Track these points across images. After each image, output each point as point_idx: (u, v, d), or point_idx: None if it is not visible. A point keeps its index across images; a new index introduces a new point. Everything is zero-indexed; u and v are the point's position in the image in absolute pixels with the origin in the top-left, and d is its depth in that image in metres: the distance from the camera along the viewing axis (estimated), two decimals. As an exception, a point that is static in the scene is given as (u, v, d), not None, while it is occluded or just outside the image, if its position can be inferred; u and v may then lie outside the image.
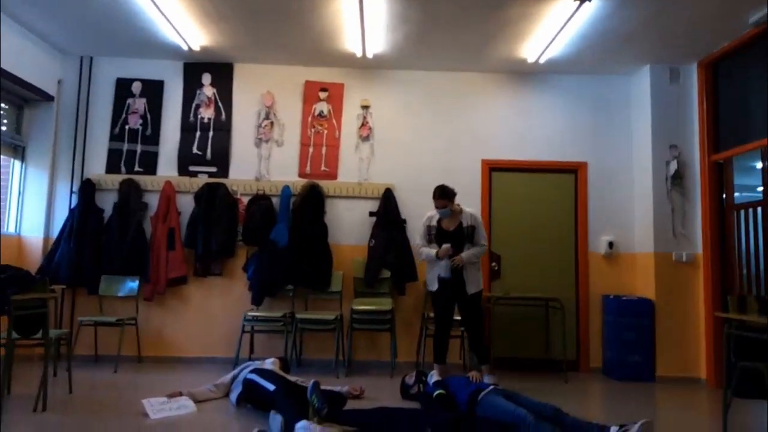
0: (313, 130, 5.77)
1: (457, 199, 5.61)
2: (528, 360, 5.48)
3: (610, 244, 5.60)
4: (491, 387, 3.62)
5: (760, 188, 5.38)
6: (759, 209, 5.17)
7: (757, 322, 3.21)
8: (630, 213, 5.68)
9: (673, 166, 5.37)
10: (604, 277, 5.60)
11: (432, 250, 4.53)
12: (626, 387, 4.88)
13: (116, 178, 5.58)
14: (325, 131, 5.77)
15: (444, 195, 4.56)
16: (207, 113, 5.77)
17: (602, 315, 5.52)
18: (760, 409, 4.00)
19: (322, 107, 5.79)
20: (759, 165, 5.52)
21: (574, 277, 5.65)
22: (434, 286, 4.57)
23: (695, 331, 5.19)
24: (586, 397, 4.57)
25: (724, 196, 5.25)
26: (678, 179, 5.38)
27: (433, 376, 3.99)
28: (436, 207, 4.59)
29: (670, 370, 5.16)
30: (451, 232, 4.55)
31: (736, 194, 5.42)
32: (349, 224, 5.60)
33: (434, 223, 4.65)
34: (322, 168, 5.71)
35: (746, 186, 7.87)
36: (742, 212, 5.29)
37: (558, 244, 5.69)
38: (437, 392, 3.73)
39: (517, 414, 3.19)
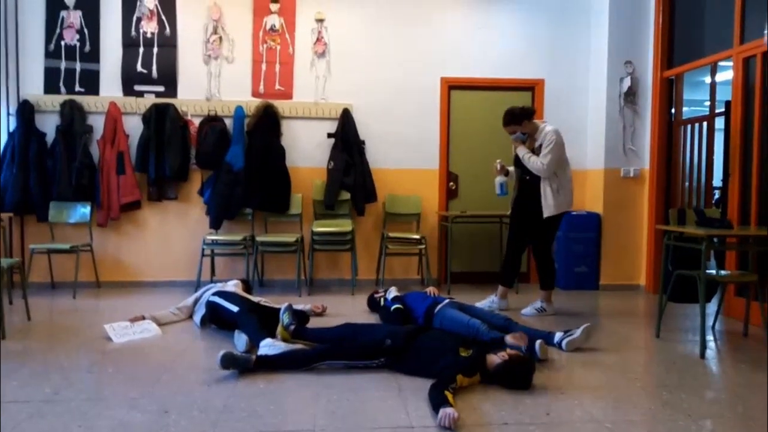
0: (265, 45, 5.50)
1: (415, 117, 5.62)
2: (483, 274, 5.72)
3: (564, 161, 5.73)
4: (447, 300, 3.80)
5: (708, 103, 5.55)
6: (704, 124, 5.37)
7: (695, 233, 3.42)
8: (583, 130, 5.78)
9: (627, 82, 5.43)
10: (556, 193, 5.77)
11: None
12: (572, 295, 5.21)
13: (56, 99, 5.26)
14: (278, 47, 5.52)
15: (510, 120, 4.21)
16: (150, 27, 5.40)
17: (553, 229, 5.76)
18: (692, 312, 4.36)
19: (274, 20, 5.50)
20: (708, 80, 5.66)
21: (528, 193, 5.81)
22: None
23: (638, 243, 5.50)
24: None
25: (673, 111, 5.39)
26: (631, 96, 5.46)
27: (392, 292, 4.14)
28: (510, 134, 4.29)
29: (613, 279, 5.50)
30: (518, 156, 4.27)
31: (685, 109, 5.58)
32: (307, 146, 5.52)
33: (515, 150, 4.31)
34: (277, 87, 5.52)
35: (694, 101, 8.09)
36: (689, 127, 5.48)
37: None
38: (395, 306, 3.89)
39: (471, 324, 3.38)
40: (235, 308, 3.55)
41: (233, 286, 4.05)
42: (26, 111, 5.17)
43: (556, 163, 4.17)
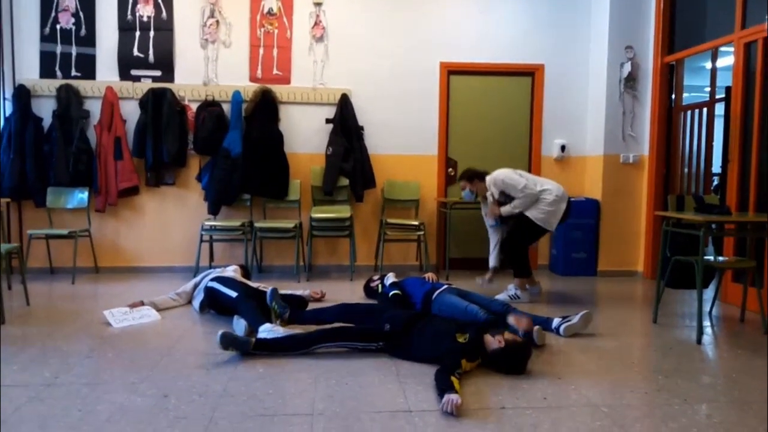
0: (262, 29, 5.45)
1: (414, 103, 5.58)
2: (481, 260, 5.70)
3: (563, 148, 5.73)
4: (445, 286, 3.81)
5: (708, 89, 5.53)
6: (704, 110, 5.35)
7: (693, 219, 3.42)
8: (583, 116, 5.76)
9: (627, 68, 5.40)
10: (555, 179, 5.66)
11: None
12: (570, 281, 5.23)
13: (52, 84, 5.22)
14: (276, 31, 5.46)
15: (464, 177, 4.42)
16: (146, 10, 5.33)
17: (552, 216, 5.76)
18: (689, 298, 4.38)
19: (272, 4, 5.44)
20: (708, 65, 5.63)
21: (527, 180, 5.80)
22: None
23: (636, 229, 5.51)
24: (534, 292, 4.88)
25: (673, 97, 5.36)
26: (631, 81, 5.43)
27: (390, 278, 4.15)
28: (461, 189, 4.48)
29: (611, 265, 5.52)
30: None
31: (685, 95, 5.55)
32: (305, 132, 5.49)
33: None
34: (274, 72, 5.47)
35: (695, 86, 8.05)
36: (689, 113, 5.46)
37: (513, 148, 5.78)
38: (393, 292, 3.90)
39: (470, 310, 3.39)
40: (233, 294, 3.56)
41: (232, 271, 4.05)
42: (22, 95, 5.13)
43: (529, 189, 4.16)
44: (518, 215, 4.26)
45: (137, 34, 5.33)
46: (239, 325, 3.32)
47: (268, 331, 3.09)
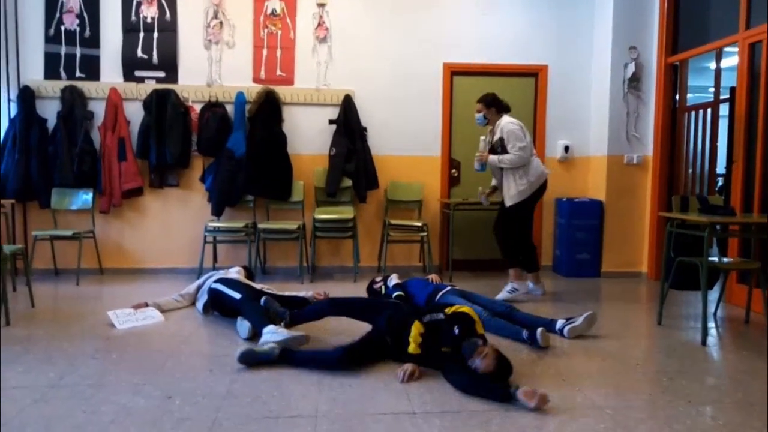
0: (266, 30, 5.46)
1: (417, 104, 5.58)
2: (484, 261, 5.72)
3: (566, 148, 5.72)
4: (448, 287, 3.80)
5: (712, 89, 5.51)
6: (709, 111, 5.33)
7: (697, 220, 3.41)
8: (586, 117, 5.74)
9: (631, 68, 5.39)
10: (558, 180, 5.74)
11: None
12: (574, 282, 5.22)
13: (57, 85, 5.23)
14: (279, 32, 5.47)
15: (484, 99, 4.39)
16: (150, 12, 5.35)
17: (554, 217, 5.76)
18: (693, 299, 4.36)
19: (275, 5, 5.45)
20: (713, 66, 5.61)
21: (531, 180, 5.79)
22: None
23: (640, 230, 5.49)
24: (538, 293, 4.87)
25: (677, 97, 5.35)
26: (635, 82, 5.42)
27: (393, 279, 4.14)
28: (476, 112, 4.45)
29: (615, 266, 5.50)
30: (491, 146, 4.42)
31: (689, 95, 5.53)
32: (309, 133, 5.49)
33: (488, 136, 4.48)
34: (278, 73, 5.48)
35: (699, 87, 8.02)
36: (693, 114, 5.44)
37: (516, 149, 5.76)
38: (396, 293, 3.90)
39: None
40: (237, 295, 3.55)
41: (235, 273, 4.05)
42: (27, 97, 5.15)
43: (525, 152, 4.24)
44: (500, 208, 4.43)
45: (141, 35, 5.34)
46: (243, 327, 3.32)
47: (272, 332, 3.08)
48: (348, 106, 5.41)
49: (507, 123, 4.32)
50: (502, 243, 4.50)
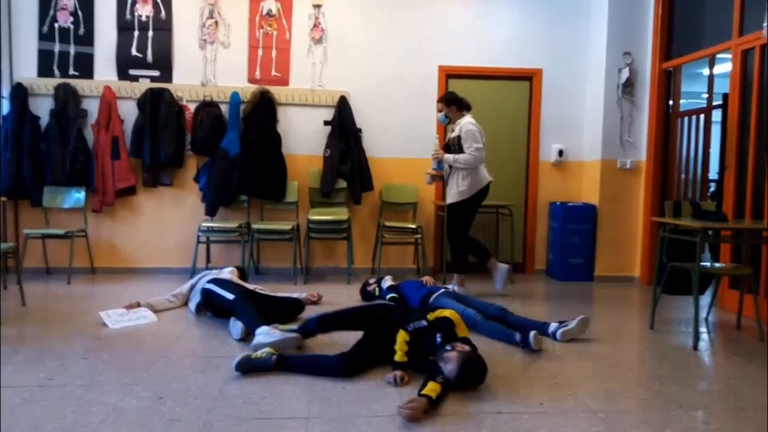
0: (261, 30, 5.45)
1: (412, 106, 5.59)
2: (478, 264, 5.72)
3: (560, 153, 5.74)
4: (442, 290, 3.81)
5: (705, 95, 5.55)
6: (702, 117, 5.37)
7: (689, 225, 3.43)
8: (581, 121, 5.77)
9: (625, 73, 5.42)
10: (552, 184, 5.79)
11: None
12: (567, 286, 5.23)
13: (50, 83, 5.20)
14: (275, 32, 5.46)
15: (444, 98, 4.57)
16: (145, 10, 5.32)
17: (548, 221, 5.77)
18: (685, 304, 4.38)
19: (270, 5, 5.44)
20: (706, 72, 5.65)
21: (525, 185, 5.82)
22: None
23: (633, 235, 5.52)
24: (530, 296, 4.88)
25: (671, 103, 5.38)
26: (629, 87, 5.44)
27: (387, 282, 4.14)
28: (438, 111, 4.66)
29: (608, 270, 5.52)
30: (446, 143, 4.59)
31: (682, 101, 5.57)
32: (303, 133, 5.48)
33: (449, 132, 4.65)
34: (273, 73, 5.47)
35: (692, 93, 8.08)
36: (686, 119, 5.48)
37: (511, 153, 5.78)
38: (390, 296, 3.90)
39: (466, 314, 3.39)
40: (230, 296, 3.54)
41: (228, 273, 4.03)
42: (20, 94, 5.11)
43: (480, 153, 4.39)
44: (447, 209, 4.57)
45: (136, 33, 5.32)
46: (235, 328, 3.31)
47: (264, 334, 3.07)
48: (343, 108, 5.41)
49: (467, 123, 4.44)
50: (450, 241, 4.67)
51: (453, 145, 4.47)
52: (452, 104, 4.53)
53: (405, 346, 2.70)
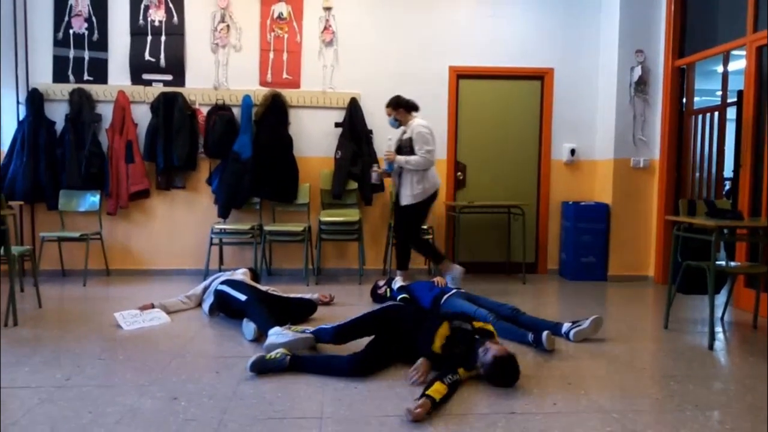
0: (272, 34, 5.48)
1: (423, 107, 5.55)
2: (490, 264, 5.72)
3: (572, 152, 5.70)
4: (454, 290, 3.80)
5: (719, 92, 5.48)
6: (716, 114, 5.30)
7: (704, 224, 3.39)
8: (593, 120, 5.73)
9: (638, 71, 5.37)
10: (564, 183, 5.75)
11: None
12: (580, 286, 5.20)
13: (65, 88, 5.28)
14: (286, 35, 5.49)
15: (391, 104, 4.60)
16: (157, 15, 5.39)
17: (561, 220, 5.74)
18: (700, 303, 4.34)
19: (281, 8, 5.47)
20: (720, 69, 5.58)
21: (536, 184, 5.79)
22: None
23: (647, 234, 5.47)
24: (543, 296, 4.86)
25: (684, 101, 5.33)
26: (641, 85, 5.40)
27: (398, 282, 4.15)
28: (387, 115, 4.68)
29: (621, 270, 5.47)
30: (398, 145, 4.63)
31: (696, 99, 5.51)
32: (315, 135, 5.51)
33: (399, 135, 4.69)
34: (284, 76, 5.50)
35: (706, 90, 7.98)
36: (700, 117, 5.41)
37: (522, 153, 5.76)
38: (401, 296, 3.90)
39: (478, 314, 3.38)
40: (243, 297, 3.56)
41: (241, 274, 4.07)
42: (36, 99, 5.19)
43: (431, 155, 4.46)
44: (396, 208, 4.64)
45: (149, 38, 5.38)
46: (248, 328, 3.33)
47: (277, 334, 3.08)
48: (354, 109, 5.42)
49: (418, 125, 4.52)
50: (398, 240, 4.72)
51: (405, 147, 4.52)
52: (399, 107, 4.57)
53: (443, 339, 2.73)
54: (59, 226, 5.24)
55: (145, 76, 5.40)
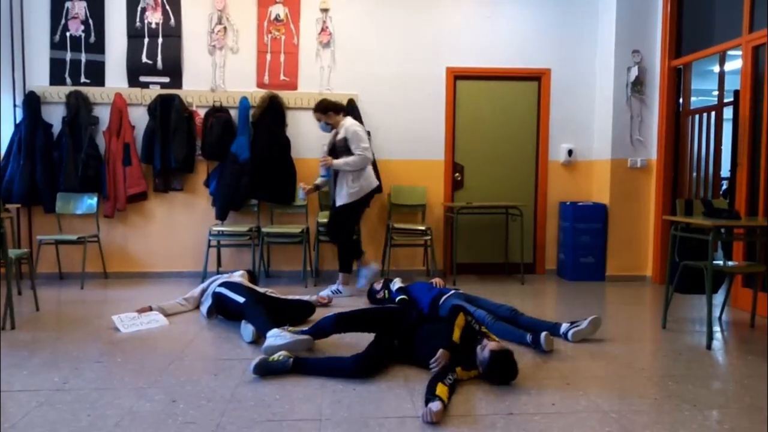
0: (269, 35, 5.48)
1: (421, 108, 5.60)
2: (488, 265, 5.72)
3: (569, 152, 5.71)
4: (452, 291, 3.80)
5: (716, 92, 5.50)
6: (713, 114, 5.32)
7: (702, 224, 3.40)
8: (590, 120, 5.74)
9: (634, 72, 5.39)
10: (562, 184, 5.76)
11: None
12: (578, 286, 5.20)
13: (62, 90, 5.27)
14: (283, 37, 5.49)
15: (318, 108, 4.54)
16: (154, 17, 5.38)
17: (558, 220, 5.75)
18: (698, 303, 4.35)
19: (279, 10, 5.48)
20: (716, 69, 5.60)
21: (534, 185, 5.80)
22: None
23: (644, 234, 5.48)
24: (541, 297, 4.87)
25: (681, 101, 5.34)
26: (638, 85, 5.41)
27: (396, 283, 4.14)
28: (317, 120, 4.64)
29: (619, 270, 5.48)
30: (331, 147, 4.61)
31: (693, 99, 5.52)
32: (312, 137, 5.50)
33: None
34: (282, 77, 5.50)
35: (702, 90, 8.00)
36: (697, 117, 5.43)
37: (520, 153, 5.77)
38: (400, 297, 3.90)
39: (477, 315, 3.38)
40: (241, 299, 3.56)
41: (239, 277, 4.06)
42: (32, 102, 5.18)
43: (368, 153, 4.46)
44: (331, 209, 4.62)
45: (146, 41, 5.38)
46: (246, 330, 3.32)
47: (275, 336, 3.08)
48: (351, 111, 5.41)
49: (351, 125, 4.51)
50: (337, 242, 4.68)
51: (340, 148, 4.49)
52: (328, 110, 4.53)
53: (461, 330, 2.78)
54: (56, 229, 5.23)
55: (142, 79, 5.39)
